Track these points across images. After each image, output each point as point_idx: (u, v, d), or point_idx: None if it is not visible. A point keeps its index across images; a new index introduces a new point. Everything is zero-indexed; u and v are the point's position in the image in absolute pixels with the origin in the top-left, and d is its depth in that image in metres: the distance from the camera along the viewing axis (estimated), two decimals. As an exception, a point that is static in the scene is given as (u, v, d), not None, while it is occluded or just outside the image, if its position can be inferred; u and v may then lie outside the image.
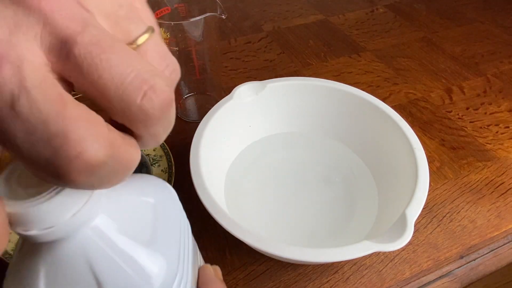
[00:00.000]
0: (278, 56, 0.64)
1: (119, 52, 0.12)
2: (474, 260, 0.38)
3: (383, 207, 0.38)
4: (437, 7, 0.78)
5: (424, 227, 0.40)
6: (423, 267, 0.37)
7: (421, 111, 0.54)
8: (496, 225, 0.40)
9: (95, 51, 0.11)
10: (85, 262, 0.14)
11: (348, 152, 0.44)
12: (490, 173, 0.45)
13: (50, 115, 0.11)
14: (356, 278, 0.36)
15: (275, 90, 0.43)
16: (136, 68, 0.12)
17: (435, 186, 0.44)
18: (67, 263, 0.14)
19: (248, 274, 0.36)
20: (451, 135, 0.50)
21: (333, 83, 0.43)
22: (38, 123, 0.11)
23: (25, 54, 0.11)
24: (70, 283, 0.14)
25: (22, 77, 0.11)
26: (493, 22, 0.73)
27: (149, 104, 0.12)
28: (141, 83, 0.12)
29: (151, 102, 0.12)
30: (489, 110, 0.54)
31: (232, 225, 0.30)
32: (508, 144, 0.49)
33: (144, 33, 0.14)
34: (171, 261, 0.16)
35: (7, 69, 0.11)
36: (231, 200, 0.39)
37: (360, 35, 0.70)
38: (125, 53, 0.12)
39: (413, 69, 0.62)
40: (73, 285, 0.14)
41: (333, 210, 0.40)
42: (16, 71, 0.11)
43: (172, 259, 0.16)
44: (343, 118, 0.44)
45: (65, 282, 0.14)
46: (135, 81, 0.12)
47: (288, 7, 0.79)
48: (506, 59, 0.64)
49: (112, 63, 0.11)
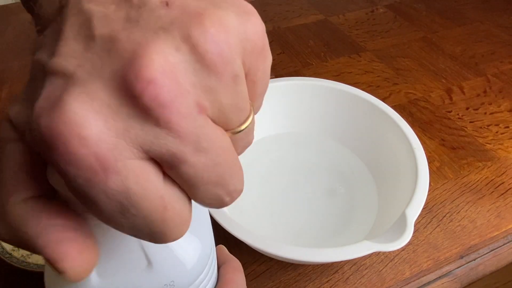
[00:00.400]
0: (278, 56, 0.64)
1: (223, 171, 0.12)
2: (474, 260, 0.38)
3: (383, 207, 0.38)
4: (437, 7, 0.78)
5: (424, 227, 0.40)
6: (423, 267, 0.37)
7: (421, 111, 0.54)
8: (496, 225, 0.40)
9: (201, 173, 0.12)
10: (138, 241, 0.15)
11: (348, 152, 0.44)
12: (490, 173, 0.45)
13: (153, 221, 0.12)
14: (356, 278, 0.36)
15: (275, 90, 0.43)
16: (226, 183, 0.13)
17: (435, 186, 0.44)
18: (122, 240, 0.15)
19: (248, 274, 0.36)
20: (451, 135, 0.50)
21: (333, 83, 0.43)
22: (142, 225, 0.12)
23: (131, 164, 0.11)
24: (119, 262, 0.15)
25: (128, 188, 0.11)
26: (493, 22, 0.73)
27: (223, 205, 0.13)
28: (223, 192, 0.13)
29: (226, 203, 0.13)
30: (489, 110, 0.54)
31: (232, 225, 0.30)
32: (508, 144, 0.49)
33: (246, 120, 0.13)
34: (205, 243, 0.17)
35: (113, 181, 0.11)
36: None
37: (360, 35, 0.70)
38: (227, 170, 0.12)
39: (413, 69, 0.62)
40: (125, 259, 0.15)
41: (333, 210, 0.40)
42: (122, 183, 0.11)
43: (207, 242, 0.17)
44: (343, 118, 0.44)
45: (118, 255, 0.15)
46: (220, 191, 0.13)
47: (288, 7, 0.78)
48: (506, 59, 0.64)
49: (211, 180, 0.12)
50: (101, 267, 0.14)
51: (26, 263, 0.34)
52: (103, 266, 0.14)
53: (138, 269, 0.15)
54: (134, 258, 0.15)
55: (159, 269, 0.15)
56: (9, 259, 0.34)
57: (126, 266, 0.15)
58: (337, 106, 0.44)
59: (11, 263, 0.34)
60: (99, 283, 0.14)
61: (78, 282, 0.14)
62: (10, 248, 0.35)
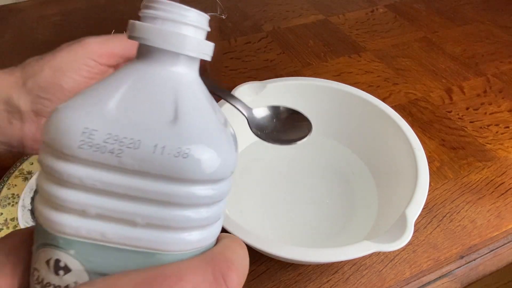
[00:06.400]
0: (278, 56, 0.64)
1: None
2: (474, 260, 0.38)
3: (383, 207, 0.38)
4: (437, 7, 0.78)
5: (424, 227, 0.40)
6: (423, 267, 0.37)
7: (421, 111, 0.54)
8: (496, 225, 0.40)
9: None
10: (173, 94, 0.14)
11: (348, 152, 0.44)
12: (490, 173, 0.45)
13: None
14: (356, 278, 0.36)
15: (275, 90, 0.43)
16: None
17: (435, 186, 0.44)
18: (155, 86, 0.14)
19: (248, 274, 0.36)
20: (451, 135, 0.50)
21: (333, 83, 0.43)
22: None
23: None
24: (146, 105, 0.14)
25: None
26: (493, 22, 0.73)
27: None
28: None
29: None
30: (489, 110, 0.54)
31: (232, 225, 0.30)
32: (508, 144, 0.49)
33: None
34: (229, 166, 0.15)
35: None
36: (231, 200, 0.39)
37: (360, 35, 0.70)
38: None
39: (413, 69, 0.62)
40: (147, 109, 0.14)
41: (333, 210, 0.40)
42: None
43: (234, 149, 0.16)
44: (343, 118, 0.44)
45: (141, 103, 0.14)
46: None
47: (288, 7, 0.78)
48: (506, 59, 0.64)
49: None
50: (125, 102, 0.14)
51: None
52: (127, 102, 0.14)
53: (161, 119, 0.13)
54: (162, 107, 0.14)
55: (182, 129, 0.13)
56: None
57: (149, 110, 0.14)
58: (337, 106, 0.44)
59: (11, 263, 0.34)
60: (114, 114, 0.13)
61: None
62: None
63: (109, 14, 0.76)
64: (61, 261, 0.14)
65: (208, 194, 0.14)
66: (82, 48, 0.28)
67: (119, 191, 0.13)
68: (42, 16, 0.76)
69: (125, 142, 0.13)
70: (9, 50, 0.67)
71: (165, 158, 0.13)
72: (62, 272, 0.14)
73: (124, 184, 0.13)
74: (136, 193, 0.13)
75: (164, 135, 0.13)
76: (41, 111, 0.28)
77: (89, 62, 0.28)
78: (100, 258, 0.14)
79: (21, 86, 0.28)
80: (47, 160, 0.13)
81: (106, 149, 0.13)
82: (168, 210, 0.13)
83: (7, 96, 0.27)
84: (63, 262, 0.14)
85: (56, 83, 0.27)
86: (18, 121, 0.28)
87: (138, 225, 0.13)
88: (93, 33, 0.30)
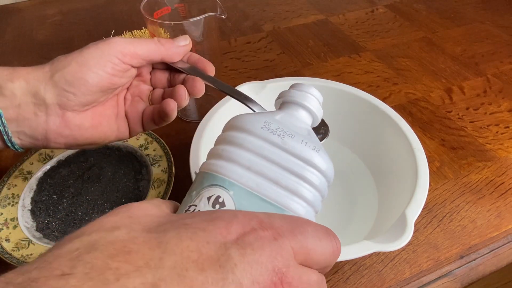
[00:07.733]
0: (278, 56, 0.64)
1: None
2: (474, 260, 0.38)
3: (383, 207, 0.38)
4: (437, 7, 0.78)
5: (424, 227, 0.40)
6: (423, 267, 0.37)
7: (421, 111, 0.54)
8: (496, 225, 0.40)
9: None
10: (306, 126, 0.24)
11: (347, 152, 0.44)
12: (490, 173, 0.45)
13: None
14: (356, 278, 0.36)
15: (275, 90, 0.43)
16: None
17: (435, 186, 0.44)
18: (299, 122, 0.24)
19: (248, 274, 0.36)
20: (451, 135, 0.50)
21: (333, 83, 0.43)
22: None
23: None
24: (297, 122, 0.23)
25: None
26: (493, 22, 0.73)
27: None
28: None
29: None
30: (489, 110, 0.54)
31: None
32: (508, 144, 0.49)
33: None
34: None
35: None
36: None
37: (360, 35, 0.70)
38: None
39: (413, 69, 0.62)
40: (297, 124, 0.23)
41: (333, 210, 0.40)
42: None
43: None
44: (343, 118, 0.44)
45: (295, 120, 0.23)
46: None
47: (288, 7, 0.79)
48: (506, 59, 0.64)
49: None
50: (285, 116, 0.23)
51: (26, 263, 0.34)
52: (286, 117, 0.23)
53: (304, 130, 0.23)
54: (302, 127, 0.23)
55: (314, 138, 0.23)
56: (9, 259, 0.34)
57: (298, 125, 0.23)
58: (337, 106, 0.44)
59: (11, 263, 0.34)
60: (282, 119, 0.23)
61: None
62: (10, 248, 0.35)
63: (109, 14, 0.76)
64: (221, 197, 0.20)
65: (316, 181, 0.21)
66: (108, 47, 0.30)
67: (275, 159, 0.21)
68: (42, 16, 0.76)
69: (287, 132, 0.22)
70: (9, 50, 0.67)
71: (307, 147, 0.21)
72: (218, 206, 0.19)
73: (280, 155, 0.21)
74: (284, 163, 0.21)
75: (306, 137, 0.22)
76: (65, 104, 0.29)
77: (113, 60, 0.30)
78: (248, 202, 0.20)
79: (48, 79, 0.29)
80: (235, 134, 0.22)
81: (275, 132, 0.21)
82: (296, 179, 0.21)
83: (35, 88, 0.29)
84: (222, 198, 0.20)
85: (81, 77, 0.29)
86: (43, 114, 0.29)
87: (279, 185, 0.20)
88: (92, 33, 0.30)
